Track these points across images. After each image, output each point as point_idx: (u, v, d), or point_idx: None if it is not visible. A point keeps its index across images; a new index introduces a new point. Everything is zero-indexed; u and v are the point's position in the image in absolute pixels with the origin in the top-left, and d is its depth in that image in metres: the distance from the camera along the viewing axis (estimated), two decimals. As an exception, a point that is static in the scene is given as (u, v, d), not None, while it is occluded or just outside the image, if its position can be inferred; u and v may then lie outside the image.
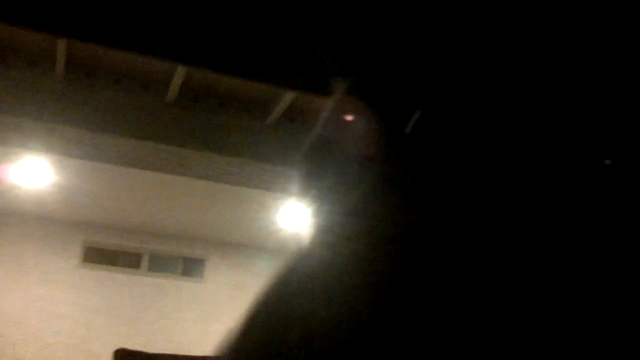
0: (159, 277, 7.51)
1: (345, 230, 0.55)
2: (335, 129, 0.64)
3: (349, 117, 0.60)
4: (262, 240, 7.43)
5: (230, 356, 0.61)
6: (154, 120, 3.62)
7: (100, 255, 7.39)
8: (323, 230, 0.58)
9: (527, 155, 0.53)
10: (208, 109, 3.73)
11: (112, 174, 5.26)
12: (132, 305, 7.30)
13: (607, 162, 0.52)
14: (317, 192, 0.70)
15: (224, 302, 7.68)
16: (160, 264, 7.57)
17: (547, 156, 0.53)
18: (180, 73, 3.34)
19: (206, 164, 3.90)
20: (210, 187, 5.59)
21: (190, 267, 7.70)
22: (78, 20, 2.82)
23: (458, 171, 0.53)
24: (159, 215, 6.89)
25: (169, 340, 7.21)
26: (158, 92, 3.61)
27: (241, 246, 7.78)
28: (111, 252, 7.43)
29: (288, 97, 3.55)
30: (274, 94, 3.64)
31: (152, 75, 3.56)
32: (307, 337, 0.49)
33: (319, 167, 0.75)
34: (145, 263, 7.51)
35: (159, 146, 3.66)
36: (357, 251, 0.53)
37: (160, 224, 7.19)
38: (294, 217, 6.46)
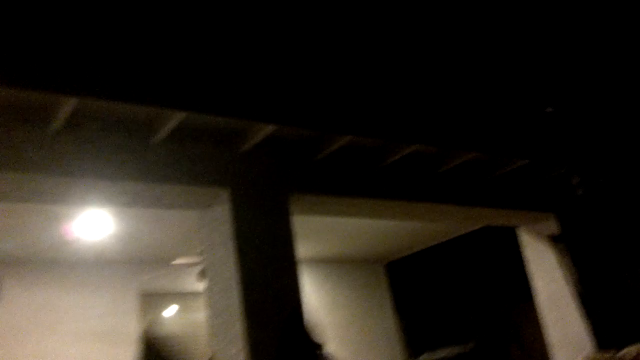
0: (-55, 309, 6.78)
1: None
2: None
3: None
4: (58, 253, 7.05)
5: None
6: None
7: None
8: None
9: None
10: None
11: None
12: None
13: None
14: None
15: (26, 325, 7.18)
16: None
17: None
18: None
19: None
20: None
21: (-17, 292, 7.04)
22: None
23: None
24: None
25: (-33, 377, 6.57)
26: None
27: (37, 261, 7.29)
28: None
29: (71, 102, 3.33)
30: (55, 99, 3.39)
31: None
32: None
33: None
34: None
35: None
36: None
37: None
38: (91, 224, 6.26)
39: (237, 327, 3.82)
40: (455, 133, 4.70)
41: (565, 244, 5.74)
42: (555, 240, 5.76)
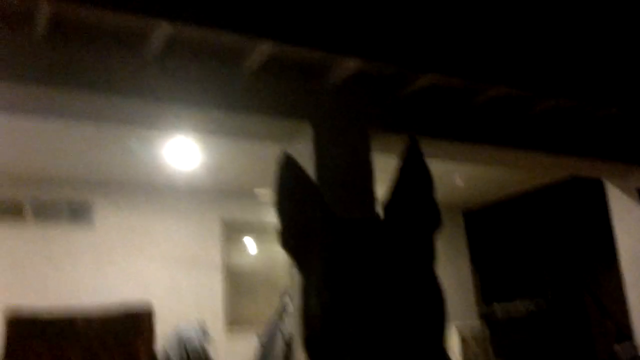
0: (44, 225, 7.26)
1: None
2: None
3: None
4: (149, 177, 7.36)
5: None
6: (21, 59, 3.42)
7: (-23, 207, 7.05)
8: None
9: None
10: (81, 45, 3.55)
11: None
12: (18, 258, 7.05)
13: None
14: None
15: (116, 246, 7.60)
16: (45, 212, 7.30)
17: None
18: (44, 8, 3.16)
19: (84, 105, 3.75)
20: (90, 127, 5.43)
21: (78, 212, 7.48)
22: None
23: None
24: (38, 160, 6.64)
25: (63, 291, 7.05)
26: (24, 30, 3.39)
27: (128, 185, 7.65)
28: (-10, 202, 7.09)
29: (166, 28, 3.44)
30: (152, 25, 3.51)
31: (15, 9, 3.33)
32: None
33: None
34: (28, 211, 7.22)
35: (29, 87, 3.47)
36: None
37: (40, 169, 6.92)
38: (180, 152, 6.48)
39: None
40: (545, 77, 4.56)
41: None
42: (644, 195, 5.54)
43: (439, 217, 1.03)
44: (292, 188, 1.04)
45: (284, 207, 1.04)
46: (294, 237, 1.04)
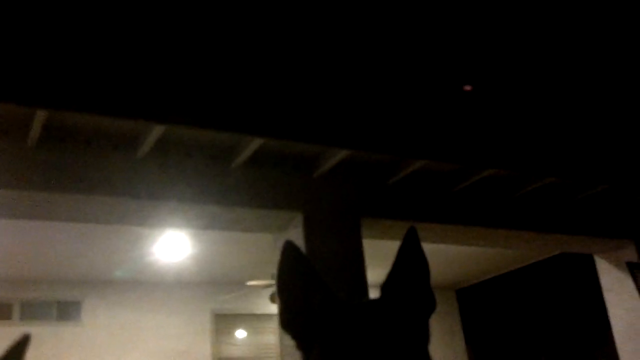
0: (32, 325, 7.13)
1: None
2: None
3: None
4: (138, 274, 7.32)
5: None
6: (15, 166, 3.46)
7: (-34, 310, 6.94)
8: None
9: None
10: (74, 149, 3.61)
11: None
12: None
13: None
14: None
15: (105, 343, 7.46)
16: (33, 311, 7.20)
17: None
18: (40, 115, 3.22)
19: (77, 206, 3.77)
20: (79, 227, 5.43)
21: (66, 310, 7.38)
22: None
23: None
24: (28, 261, 6.58)
25: (51, 391, 6.86)
26: (18, 137, 3.45)
27: (117, 282, 7.59)
28: (-23, 304, 6.98)
29: (156, 130, 3.51)
30: (143, 127, 3.59)
31: (11, 119, 3.39)
32: None
33: None
34: (16, 312, 7.11)
35: (23, 193, 3.50)
36: None
37: (29, 270, 6.86)
38: (170, 246, 6.47)
39: (310, 349, 3.88)
40: (531, 158, 4.67)
41: (645, 273, 5.57)
42: (633, 268, 5.59)
43: (433, 301, 1.09)
44: (293, 272, 1.08)
45: (285, 289, 1.08)
46: (295, 318, 1.08)
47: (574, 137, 4.81)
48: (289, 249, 1.09)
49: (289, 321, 1.08)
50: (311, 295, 1.06)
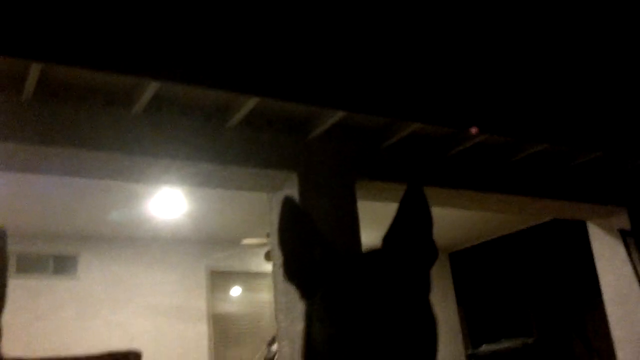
0: (29, 278, 7.21)
1: None
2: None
3: None
4: (134, 230, 7.36)
5: None
6: (10, 119, 3.46)
7: (-39, 262, 6.99)
8: None
9: None
10: (68, 104, 3.61)
11: (-32, 177, 5.00)
12: (4, 311, 6.95)
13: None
14: None
15: (100, 297, 7.55)
16: (30, 265, 7.27)
17: None
18: (35, 70, 3.21)
19: (71, 161, 3.78)
20: (77, 181, 5.45)
21: (62, 265, 7.45)
22: None
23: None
24: (25, 215, 6.62)
25: (48, 342, 6.97)
26: (13, 91, 3.44)
27: (114, 238, 7.64)
28: (-27, 257, 7.03)
29: (151, 87, 3.51)
30: (137, 84, 3.58)
31: (6, 73, 3.39)
32: None
33: None
34: (13, 265, 7.17)
35: (18, 146, 3.51)
36: None
37: (26, 224, 6.90)
38: (166, 203, 6.50)
39: (301, 306, 3.94)
40: (526, 124, 4.67)
41: (636, 239, 5.62)
42: (625, 235, 5.64)
43: (435, 252, 1.12)
44: (293, 225, 1.12)
45: (286, 242, 1.12)
46: (298, 269, 1.11)
47: (569, 104, 4.81)
48: (288, 203, 1.13)
49: (292, 272, 1.12)
50: (311, 247, 1.09)
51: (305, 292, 1.10)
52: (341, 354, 0.93)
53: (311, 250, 1.10)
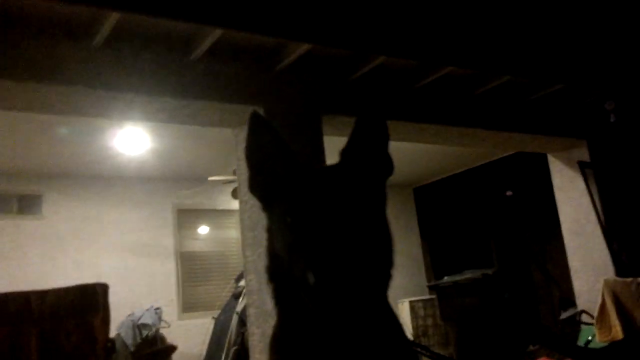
0: (-8, 218, 7.14)
1: None
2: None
3: None
4: (99, 167, 7.29)
5: None
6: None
7: None
8: None
9: None
10: (27, 36, 3.51)
11: None
12: (-33, 250, 6.91)
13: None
14: None
15: (67, 236, 7.52)
16: (-8, 204, 7.19)
17: None
18: (-9, 0, 3.11)
19: (30, 95, 3.71)
20: (38, 118, 5.35)
21: (27, 204, 7.38)
22: None
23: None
24: (-16, 153, 6.49)
25: (13, 280, 6.95)
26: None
27: (79, 177, 7.56)
28: None
29: (112, 17, 3.42)
30: (98, 14, 3.49)
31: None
32: None
33: None
34: (-25, 205, 7.09)
35: (-24, 80, 3.42)
36: None
37: (-14, 162, 6.77)
38: (131, 140, 6.43)
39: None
40: (489, 56, 4.69)
41: (595, 171, 5.77)
42: (584, 167, 5.79)
43: (391, 165, 1.17)
44: (261, 139, 1.15)
45: (253, 155, 1.16)
46: (262, 182, 1.16)
47: (532, 36, 4.84)
48: (255, 117, 1.16)
49: (256, 185, 1.17)
50: (276, 160, 1.13)
51: (267, 203, 1.14)
52: (299, 261, 0.97)
53: (276, 164, 1.13)
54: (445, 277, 7.55)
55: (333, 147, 4.44)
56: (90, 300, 3.92)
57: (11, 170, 7.12)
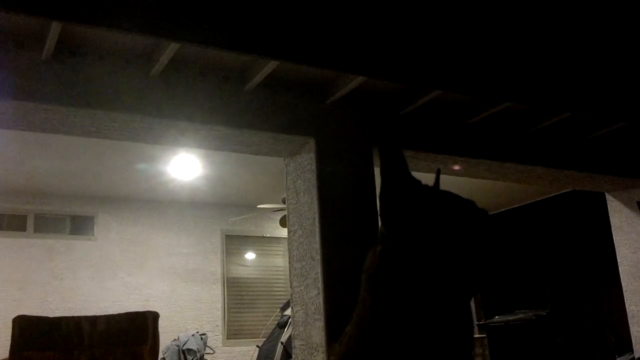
0: (46, 237, 7.29)
1: None
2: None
3: None
4: (151, 192, 7.40)
5: None
6: (29, 78, 3.45)
7: (-19, 220, 7.10)
8: None
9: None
10: (87, 63, 3.59)
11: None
12: (22, 269, 7.07)
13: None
14: None
15: (117, 258, 7.63)
16: (47, 224, 7.35)
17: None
18: (55, 28, 3.19)
19: (87, 121, 3.78)
20: (95, 142, 5.47)
21: (79, 225, 7.53)
22: None
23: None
24: (43, 174, 6.66)
25: (64, 301, 7.08)
26: (33, 49, 3.43)
27: (131, 200, 7.69)
28: (-7, 216, 7.14)
29: (171, 48, 3.48)
30: (157, 45, 3.56)
31: (26, 31, 3.38)
32: None
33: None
34: (31, 225, 7.26)
35: (38, 106, 3.50)
36: None
37: (44, 183, 6.95)
38: (183, 166, 6.51)
39: (316, 272, 3.96)
40: (549, 92, 4.59)
41: (655, 213, 5.56)
42: (644, 208, 5.58)
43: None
44: (393, 174, 1.16)
45: (387, 193, 1.15)
46: (393, 214, 1.14)
47: (593, 73, 4.72)
48: (387, 148, 1.18)
49: (386, 211, 1.15)
50: (403, 191, 1.14)
51: (399, 236, 1.11)
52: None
53: (402, 194, 1.14)
54: (496, 317, 7.36)
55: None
56: (140, 329, 3.95)
57: (66, 192, 7.30)
